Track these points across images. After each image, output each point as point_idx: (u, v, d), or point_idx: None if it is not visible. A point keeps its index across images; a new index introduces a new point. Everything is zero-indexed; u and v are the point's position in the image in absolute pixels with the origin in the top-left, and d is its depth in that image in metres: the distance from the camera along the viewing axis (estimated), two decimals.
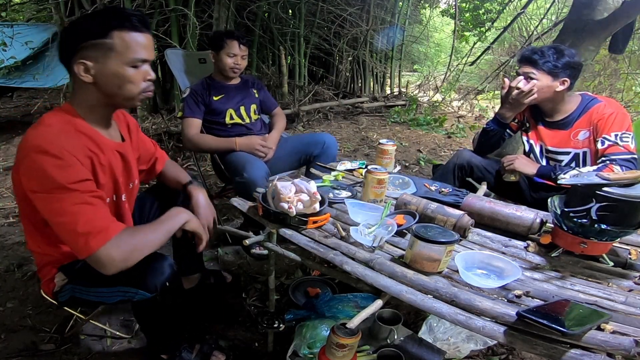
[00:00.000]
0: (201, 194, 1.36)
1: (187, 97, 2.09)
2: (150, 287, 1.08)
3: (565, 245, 1.10)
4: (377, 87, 6.36)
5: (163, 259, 1.12)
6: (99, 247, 0.96)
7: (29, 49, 3.90)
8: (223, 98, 2.14)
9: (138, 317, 1.29)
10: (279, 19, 4.92)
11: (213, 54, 2.13)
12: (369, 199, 1.37)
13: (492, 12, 5.95)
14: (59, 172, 0.95)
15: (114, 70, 1.02)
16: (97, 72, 1.02)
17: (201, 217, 1.29)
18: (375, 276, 0.99)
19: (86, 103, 1.08)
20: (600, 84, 5.52)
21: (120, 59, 1.02)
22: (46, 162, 0.94)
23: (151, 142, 1.44)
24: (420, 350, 1.31)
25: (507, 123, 1.78)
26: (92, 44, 1.00)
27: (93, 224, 0.97)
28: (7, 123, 4.38)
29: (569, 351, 0.75)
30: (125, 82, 1.05)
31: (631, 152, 1.52)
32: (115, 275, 1.02)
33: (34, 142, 0.96)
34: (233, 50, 2.08)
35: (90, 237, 0.96)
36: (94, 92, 1.06)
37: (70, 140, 0.99)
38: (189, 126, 2.07)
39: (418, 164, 3.62)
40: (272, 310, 1.43)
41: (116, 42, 1.01)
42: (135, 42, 1.03)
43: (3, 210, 2.49)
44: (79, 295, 1.17)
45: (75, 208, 0.96)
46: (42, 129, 1.00)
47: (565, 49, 1.62)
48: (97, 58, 1.01)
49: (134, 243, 1.03)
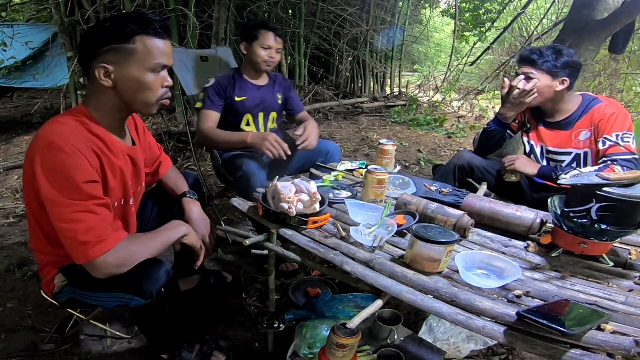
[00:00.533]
0: (194, 207, 1.35)
1: (209, 87, 1.94)
2: (145, 294, 1.07)
3: (565, 245, 1.10)
4: (377, 87, 6.37)
5: (159, 264, 1.11)
6: (96, 256, 0.98)
7: (29, 49, 3.90)
8: (245, 100, 2.00)
9: (136, 321, 1.30)
10: (279, 19, 4.92)
11: (245, 44, 1.99)
12: (369, 199, 1.37)
13: (492, 12, 5.95)
14: (71, 169, 0.96)
15: (134, 75, 1.03)
16: (117, 77, 1.03)
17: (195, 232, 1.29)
18: (375, 276, 0.99)
19: (102, 107, 1.08)
20: (600, 84, 5.52)
21: (142, 64, 1.03)
22: (59, 158, 0.95)
23: (157, 145, 1.44)
24: (420, 350, 1.31)
25: (508, 123, 1.78)
26: (114, 48, 1.01)
27: (93, 233, 0.98)
28: (7, 123, 4.39)
29: (569, 351, 0.75)
30: (144, 87, 1.06)
31: (632, 152, 1.52)
32: (112, 281, 1.04)
33: (49, 138, 0.97)
34: (268, 41, 1.94)
35: (89, 246, 0.98)
36: (112, 96, 1.06)
37: (82, 141, 1.00)
38: (206, 118, 1.92)
39: (418, 164, 3.62)
40: (272, 310, 1.43)
41: (138, 47, 1.02)
42: (157, 48, 1.04)
43: (3, 210, 2.49)
44: (78, 298, 1.17)
45: (78, 216, 0.97)
46: (55, 126, 1.01)
47: (564, 49, 1.62)
48: (119, 62, 1.02)
49: (130, 252, 1.05)
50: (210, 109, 1.93)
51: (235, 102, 1.98)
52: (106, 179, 1.08)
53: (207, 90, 1.94)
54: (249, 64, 2.02)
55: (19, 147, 3.62)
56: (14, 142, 3.73)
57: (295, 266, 1.94)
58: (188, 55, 2.38)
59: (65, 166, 0.96)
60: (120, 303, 1.11)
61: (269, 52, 1.96)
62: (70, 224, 0.97)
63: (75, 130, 1.01)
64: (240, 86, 2.01)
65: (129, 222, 1.27)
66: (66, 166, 0.96)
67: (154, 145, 1.41)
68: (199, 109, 1.95)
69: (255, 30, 1.93)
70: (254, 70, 2.03)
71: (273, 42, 1.95)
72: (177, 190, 1.41)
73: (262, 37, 1.93)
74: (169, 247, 1.18)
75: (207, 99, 1.93)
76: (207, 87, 1.94)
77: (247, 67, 2.04)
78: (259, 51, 1.94)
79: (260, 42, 1.93)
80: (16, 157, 3.36)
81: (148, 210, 1.45)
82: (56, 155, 0.95)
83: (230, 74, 2.01)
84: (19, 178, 2.95)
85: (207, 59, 2.44)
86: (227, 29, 3.89)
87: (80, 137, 1.01)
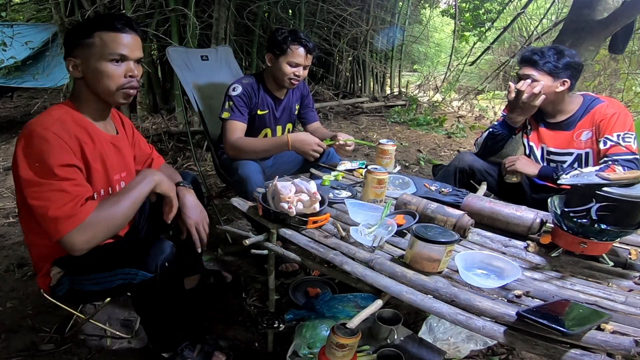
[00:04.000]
0: (188, 194, 1.35)
1: (236, 97, 1.81)
2: (150, 267, 1.10)
3: (565, 245, 1.10)
4: (377, 87, 6.38)
5: (162, 241, 1.17)
6: (68, 231, 1.02)
7: (29, 49, 3.91)
8: (267, 115, 1.92)
9: (138, 306, 1.28)
10: (279, 19, 4.92)
11: (270, 56, 1.83)
12: (369, 199, 1.37)
13: (492, 12, 5.96)
14: (47, 153, 1.02)
15: (95, 65, 1.12)
16: (83, 68, 1.14)
17: (189, 218, 1.29)
18: (375, 276, 0.99)
19: (80, 97, 1.18)
20: (600, 84, 5.52)
21: (100, 55, 1.12)
22: (38, 143, 1.02)
23: (148, 144, 1.49)
24: (420, 350, 1.31)
25: (517, 127, 1.77)
26: (79, 44, 1.12)
27: (63, 210, 1.02)
28: (7, 123, 4.39)
29: (569, 351, 0.75)
30: (104, 76, 1.13)
31: (633, 153, 1.52)
32: (115, 258, 1.09)
33: (31, 127, 1.05)
34: (297, 59, 1.77)
35: (61, 221, 1.01)
36: (83, 86, 1.16)
37: (64, 127, 1.07)
38: (234, 130, 1.79)
39: (418, 164, 3.62)
40: (272, 310, 1.42)
41: (96, 41, 1.11)
42: (113, 41, 1.12)
43: (3, 210, 2.49)
44: (78, 287, 1.18)
45: (50, 194, 1.02)
46: (41, 116, 1.09)
47: (565, 50, 1.61)
48: (83, 56, 1.12)
49: (101, 219, 1.07)
50: (239, 119, 1.81)
51: (257, 115, 1.90)
52: (88, 163, 1.14)
53: (235, 99, 1.81)
54: (272, 77, 1.88)
55: None
56: (14, 142, 3.72)
57: (295, 267, 1.94)
58: (188, 54, 2.37)
59: (42, 150, 1.02)
60: (124, 281, 1.12)
61: (296, 69, 1.80)
62: (42, 202, 1.02)
63: (58, 119, 1.08)
64: (263, 99, 1.91)
65: None
66: (43, 150, 1.02)
67: (144, 144, 1.46)
68: (226, 119, 1.82)
69: (285, 44, 1.76)
70: (276, 84, 1.90)
71: (303, 60, 1.79)
72: (172, 181, 1.41)
73: (292, 52, 1.76)
74: (143, 201, 1.17)
75: (235, 108, 1.81)
76: (233, 95, 1.82)
77: (270, 80, 1.90)
78: (285, 68, 1.79)
79: (288, 58, 1.77)
80: None
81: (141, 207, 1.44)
82: (35, 141, 1.03)
83: (253, 83, 1.88)
84: None
85: (208, 58, 2.44)
86: (227, 29, 3.89)
87: (63, 125, 1.08)
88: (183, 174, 1.50)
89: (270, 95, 1.94)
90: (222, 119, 1.84)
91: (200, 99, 2.22)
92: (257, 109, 1.90)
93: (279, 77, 1.84)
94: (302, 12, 4.81)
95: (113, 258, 1.14)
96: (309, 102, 2.11)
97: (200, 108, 2.19)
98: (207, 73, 2.37)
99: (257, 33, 4.56)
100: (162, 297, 1.20)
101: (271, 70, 1.86)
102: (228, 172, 1.93)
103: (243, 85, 1.84)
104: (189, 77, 2.28)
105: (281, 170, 1.95)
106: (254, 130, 1.95)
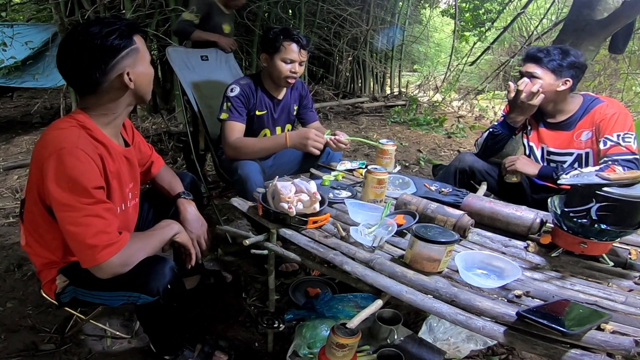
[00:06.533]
0: (190, 207, 1.36)
1: (234, 97, 1.81)
2: (152, 291, 1.09)
3: (565, 245, 1.10)
4: (377, 87, 6.38)
5: (164, 262, 1.14)
6: (104, 260, 1.01)
7: (29, 49, 3.90)
8: (265, 115, 1.93)
9: (142, 320, 1.30)
10: (279, 19, 4.93)
11: (265, 56, 1.83)
12: (369, 199, 1.37)
13: (492, 12, 5.96)
14: (82, 174, 0.99)
15: (144, 70, 1.11)
16: (135, 77, 1.09)
17: (190, 232, 1.30)
18: (375, 276, 0.99)
19: (113, 111, 1.12)
20: (600, 84, 5.52)
21: (144, 58, 1.10)
22: (71, 163, 0.99)
23: (148, 145, 1.45)
24: (420, 350, 1.31)
25: (517, 127, 1.77)
26: (127, 53, 1.06)
27: (101, 238, 1.01)
28: (7, 123, 4.38)
29: (569, 351, 0.75)
30: (150, 78, 1.15)
31: (633, 153, 1.52)
32: (117, 280, 1.06)
33: (59, 144, 1.00)
34: (290, 55, 1.76)
35: (97, 250, 1.00)
36: (129, 96, 1.12)
37: (88, 146, 1.04)
38: (232, 130, 1.79)
39: (418, 164, 3.62)
40: (272, 310, 1.43)
41: (139, 45, 1.09)
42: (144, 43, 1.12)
43: (3, 210, 2.49)
44: (82, 298, 1.18)
45: (87, 220, 1.00)
46: (62, 132, 1.04)
47: (571, 50, 1.61)
48: (133, 64, 1.08)
49: (132, 252, 1.08)
50: (237, 120, 1.81)
51: (255, 116, 1.91)
52: (109, 182, 1.11)
53: (233, 100, 1.81)
54: (270, 77, 1.88)
55: (19, 147, 3.62)
56: (14, 142, 3.72)
57: (295, 267, 1.94)
58: (188, 54, 2.38)
59: (77, 171, 0.99)
60: (127, 302, 1.13)
61: (292, 66, 1.80)
62: (79, 228, 1.00)
63: (81, 135, 1.04)
64: (261, 99, 1.91)
65: (130, 224, 1.28)
66: (78, 171, 0.99)
67: (144, 145, 1.44)
68: (225, 120, 1.81)
69: (277, 42, 1.76)
70: (274, 83, 1.90)
71: (297, 56, 1.78)
72: (172, 192, 1.41)
73: (285, 49, 1.76)
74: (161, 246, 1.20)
75: (234, 109, 1.81)
76: (231, 96, 1.82)
77: (268, 80, 1.91)
78: (281, 66, 1.79)
79: (282, 55, 1.77)
80: (16, 157, 3.35)
81: (144, 213, 1.45)
82: (68, 160, 0.99)
83: (251, 84, 1.88)
84: (19, 178, 2.95)
85: (208, 58, 2.44)
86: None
87: (87, 142, 1.04)
88: (181, 175, 1.50)
89: (268, 95, 1.94)
90: (220, 120, 1.85)
91: (200, 99, 2.22)
92: (255, 109, 1.90)
93: (275, 76, 1.84)
94: (302, 12, 4.81)
95: (116, 279, 1.07)
96: (308, 102, 2.11)
97: (199, 108, 2.19)
98: (207, 73, 2.37)
99: (257, 33, 4.56)
100: (165, 313, 1.21)
101: (268, 70, 1.87)
102: (228, 172, 1.93)
103: (241, 86, 1.85)
104: (188, 77, 2.28)
105: (281, 170, 1.94)
106: (253, 131, 1.95)
